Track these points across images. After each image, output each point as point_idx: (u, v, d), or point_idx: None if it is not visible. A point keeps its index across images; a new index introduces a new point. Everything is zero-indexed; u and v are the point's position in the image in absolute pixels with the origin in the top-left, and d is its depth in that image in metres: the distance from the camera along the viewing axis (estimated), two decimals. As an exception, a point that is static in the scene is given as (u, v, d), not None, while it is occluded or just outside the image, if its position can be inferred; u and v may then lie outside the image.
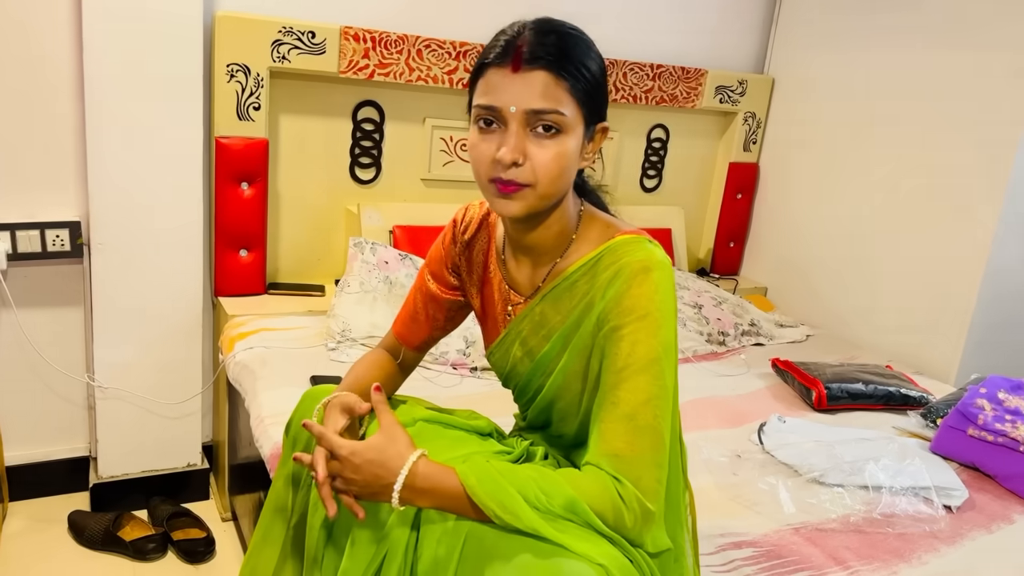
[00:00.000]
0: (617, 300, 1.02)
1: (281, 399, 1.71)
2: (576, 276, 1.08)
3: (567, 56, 0.98)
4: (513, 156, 0.98)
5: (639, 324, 1.00)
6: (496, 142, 1.00)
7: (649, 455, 0.98)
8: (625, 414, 0.99)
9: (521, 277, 1.16)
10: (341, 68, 2.20)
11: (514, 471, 0.98)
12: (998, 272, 2.36)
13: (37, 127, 1.97)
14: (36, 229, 1.99)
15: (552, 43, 0.98)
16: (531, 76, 0.97)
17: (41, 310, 2.10)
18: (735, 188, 3.04)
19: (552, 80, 0.97)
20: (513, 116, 0.98)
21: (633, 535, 0.97)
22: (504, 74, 0.98)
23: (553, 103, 0.97)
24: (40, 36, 1.92)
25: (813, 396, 2.07)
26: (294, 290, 2.32)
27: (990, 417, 1.79)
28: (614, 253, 1.05)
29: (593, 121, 1.04)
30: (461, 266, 1.25)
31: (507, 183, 1.00)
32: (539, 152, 0.99)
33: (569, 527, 0.94)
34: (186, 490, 2.26)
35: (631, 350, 1.00)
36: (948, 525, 1.56)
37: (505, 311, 1.18)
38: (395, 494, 0.97)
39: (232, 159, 2.14)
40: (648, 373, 0.99)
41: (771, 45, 3.00)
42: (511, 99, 0.98)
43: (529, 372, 1.16)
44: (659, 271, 1.02)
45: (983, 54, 2.32)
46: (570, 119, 0.99)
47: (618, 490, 0.96)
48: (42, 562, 1.96)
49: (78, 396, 2.20)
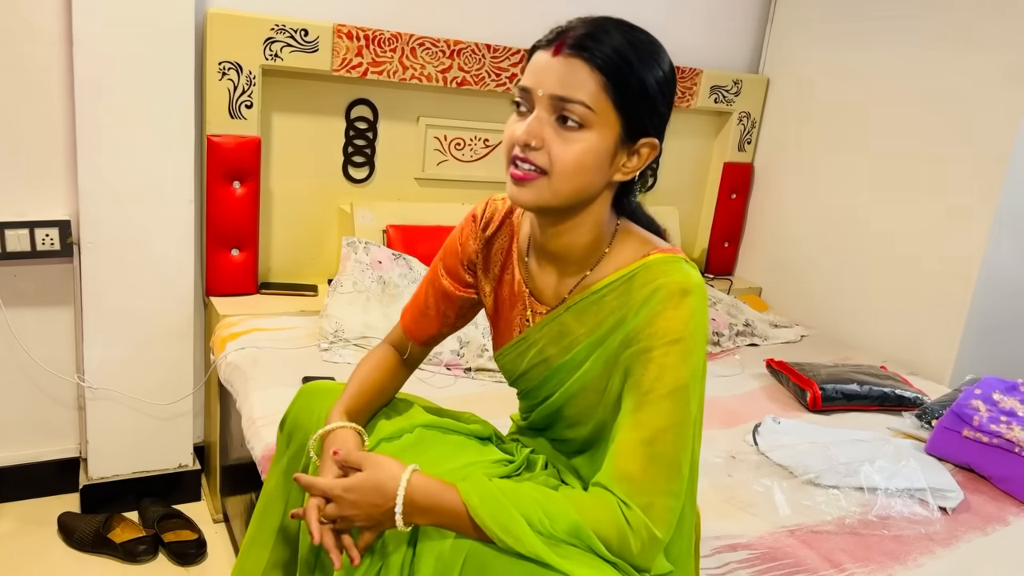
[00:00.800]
0: (650, 320, 0.99)
1: (273, 400, 1.69)
2: (606, 291, 1.05)
3: (617, 54, 0.95)
4: (527, 137, 0.96)
5: (670, 348, 0.97)
6: (522, 125, 0.98)
7: (662, 483, 0.96)
8: (644, 438, 0.96)
9: (544, 284, 1.12)
10: (334, 66, 2.19)
11: (517, 491, 0.96)
12: (993, 272, 2.35)
13: (27, 125, 1.95)
14: (25, 228, 1.97)
15: (604, 39, 0.95)
16: (568, 62, 0.95)
17: (30, 310, 2.08)
18: (730, 188, 3.03)
19: (587, 71, 0.94)
20: (540, 100, 0.96)
21: (638, 561, 0.95)
22: (545, 57, 0.97)
23: (580, 94, 0.94)
24: (30, 34, 1.90)
25: (808, 397, 2.07)
26: (286, 290, 2.31)
27: (985, 418, 1.79)
28: (649, 271, 1.02)
29: (636, 134, 0.99)
30: (477, 263, 1.21)
31: (521, 167, 0.97)
32: (558, 142, 0.96)
33: (571, 552, 0.92)
34: (177, 491, 2.24)
35: (659, 374, 0.97)
36: (943, 527, 1.56)
37: (524, 316, 1.14)
38: (398, 516, 0.96)
39: (224, 158, 2.12)
40: (673, 399, 0.97)
41: (766, 45, 3.00)
42: (543, 82, 0.96)
43: (543, 378, 1.13)
44: (696, 296, 0.99)
45: (978, 54, 2.32)
46: (598, 117, 0.95)
47: (625, 515, 0.94)
48: (32, 564, 1.94)
49: (68, 397, 2.18)
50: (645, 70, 0.97)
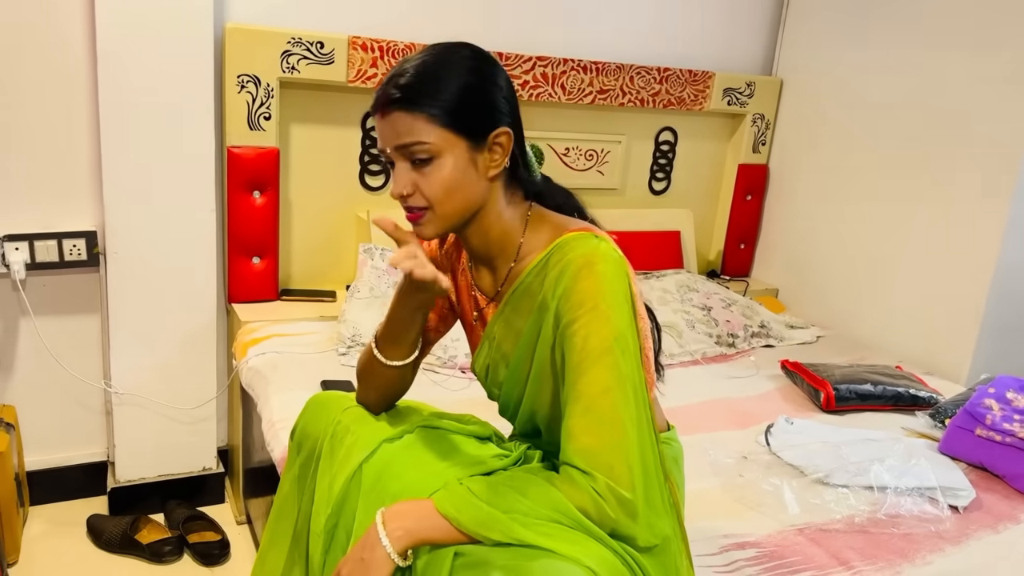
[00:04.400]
0: (567, 296, 1.04)
1: (292, 403, 1.72)
2: (530, 278, 1.11)
3: (417, 90, 1.03)
4: (400, 190, 1.06)
5: (589, 316, 1.02)
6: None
7: (615, 445, 0.99)
8: (585, 407, 1.01)
9: (485, 283, 1.20)
10: (350, 77, 2.23)
11: (490, 485, 1.01)
12: (1009, 272, 2.34)
13: (54, 140, 2.02)
14: (53, 239, 2.04)
15: (403, 83, 1.04)
16: (392, 118, 1.04)
17: (59, 318, 2.14)
18: (744, 190, 3.04)
19: (407, 116, 1.03)
20: (392, 155, 1.06)
21: (620, 526, 0.99)
22: (378, 120, 1.07)
23: (412, 136, 1.03)
24: (55, 51, 1.97)
25: (821, 397, 2.07)
26: (306, 296, 2.36)
27: (998, 417, 1.79)
28: (561, 251, 1.07)
29: (477, 134, 1.06)
30: (444, 271, 1.27)
31: (410, 211, 1.08)
32: (422, 180, 1.05)
33: (556, 531, 0.96)
34: (201, 494, 2.30)
35: (584, 343, 1.02)
36: (954, 525, 1.56)
37: (475, 318, 1.22)
38: (388, 548, 0.98)
39: (244, 168, 2.17)
40: (602, 364, 1.01)
41: (779, 46, 3.01)
42: (384, 141, 1.07)
43: (507, 379, 1.17)
44: (603, 263, 1.04)
45: (993, 54, 2.31)
46: (438, 144, 1.04)
47: (591, 485, 0.98)
48: (62, 565, 2.00)
49: (96, 402, 2.25)
50: (449, 82, 1.04)
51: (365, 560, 0.99)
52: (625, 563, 0.98)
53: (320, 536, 1.12)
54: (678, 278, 2.69)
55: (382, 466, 1.11)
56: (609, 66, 2.61)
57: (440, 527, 0.98)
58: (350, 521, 1.09)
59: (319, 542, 1.12)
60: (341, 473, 1.11)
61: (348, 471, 1.10)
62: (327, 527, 1.11)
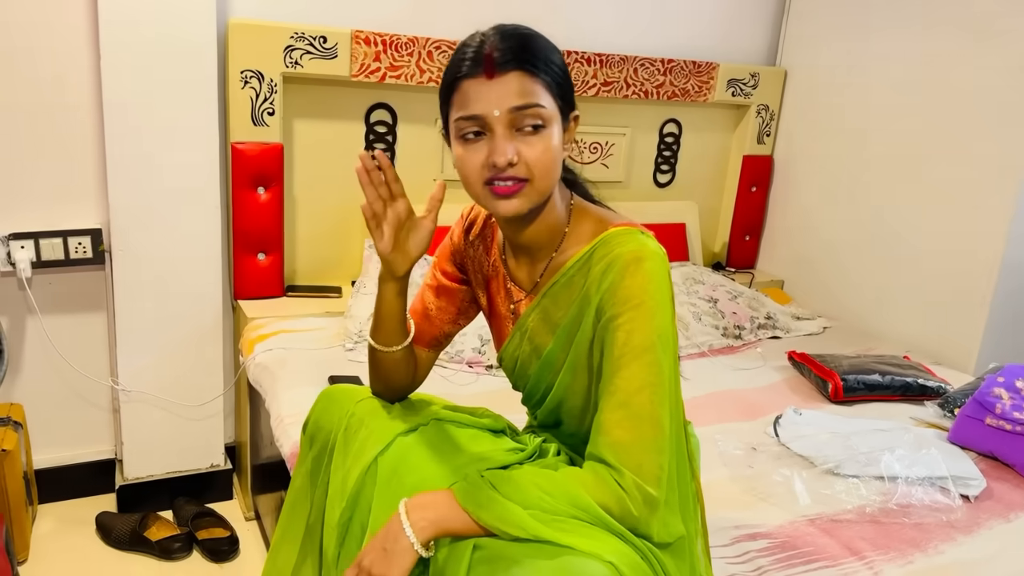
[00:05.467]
0: (612, 291, 1.03)
1: (300, 399, 1.73)
2: (572, 271, 1.10)
3: (534, 53, 1.03)
4: (509, 157, 1.01)
5: (634, 313, 1.02)
6: (484, 151, 1.03)
7: (648, 442, 0.99)
8: (621, 402, 1.01)
9: (521, 275, 1.19)
10: (353, 72, 2.23)
11: (511, 478, 1.00)
12: (1016, 260, 2.34)
13: (58, 138, 2.02)
14: (59, 237, 2.04)
15: (518, 44, 1.03)
16: (506, 78, 1.01)
17: (65, 316, 2.14)
18: (749, 181, 3.03)
19: (527, 78, 1.02)
20: (498, 120, 1.01)
21: (640, 524, 0.99)
22: (480, 83, 1.02)
23: (533, 98, 1.01)
24: (59, 49, 1.96)
25: (829, 388, 2.07)
26: (311, 292, 2.35)
27: (1008, 406, 1.78)
28: (607, 245, 1.07)
29: (567, 111, 1.08)
30: (467, 263, 1.27)
31: (505, 183, 1.02)
32: (529, 150, 1.02)
33: (575, 527, 0.95)
34: (210, 490, 2.30)
35: (627, 339, 1.01)
36: (965, 514, 1.55)
37: (510, 309, 1.20)
38: (410, 534, 0.98)
39: (248, 164, 2.17)
40: (642, 360, 1.01)
41: (783, 37, 2.99)
42: (493, 103, 1.01)
43: (537, 371, 1.17)
44: (651, 260, 1.03)
45: (999, 45, 2.30)
46: (550, 111, 1.03)
47: (617, 480, 0.98)
48: (71, 563, 2.00)
49: (103, 400, 2.25)
50: (554, 54, 1.06)
51: (388, 550, 0.98)
52: (645, 558, 0.97)
53: (335, 529, 1.11)
54: (684, 270, 2.69)
55: (397, 459, 1.10)
56: (613, 58, 2.60)
57: (463, 518, 0.98)
58: (365, 514, 1.09)
59: (333, 535, 1.11)
60: (356, 466, 1.10)
61: (363, 464, 1.10)
62: (342, 520, 1.11)
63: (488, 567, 0.95)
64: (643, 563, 0.96)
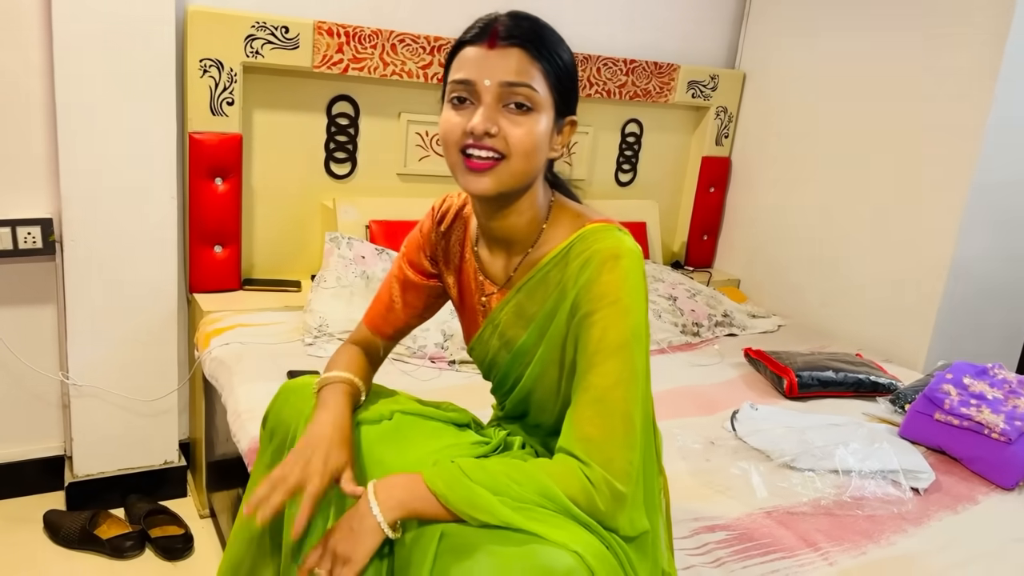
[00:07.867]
0: (588, 287, 1.04)
1: (258, 394, 1.71)
2: (549, 266, 1.10)
3: (541, 39, 1.04)
4: (486, 125, 1.01)
5: (609, 310, 1.02)
6: (467, 117, 1.03)
7: (619, 438, 1.00)
8: (595, 398, 1.01)
9: (495, 268, 1.18)
10: (315, 63, 2.20)
11: (482, 466, 1.00)
12: (965, 261, 2.41)
13: (7, 124, 1.95)
14: (7, 227, 1.97)
15: (527, 26, 1.04)
16: (506, 52, 1.02)
17: (13, 308, 2.08)
18: (708, 182, 3.07)
19: (526, 57, 1.02)
20: (487, 90, 1.01)
21: (607, 518, 0.99)
22: (480, 51, 1.03)
23: (527, 78, 1.01)
24: (10, 33, 1.90)
25: (784, 384, 2.11)
26: (270, 286, 2.32)
27: (956, 402, 1.84)
28: (584, 241, 1.07)
29: (563, 111, 1.07)
30: (438, 255, 1.26)
31: (479, 156, 1.02)
32: (512, 127, 1.02)
33: (543, 516, 0.96)
34: (163, 487, 2.25)
35: (602, 335, 1.02)
36: (915, 507, 1.60)
37: (481, 302, 1.20)
38: (378, 517, 0.97)
39: (206, 154, 2.13)
40: (617, 357, 1.01)
41: (742, 40, 3.04)
42: (486, 73, 1.02)
43: (508, 363, 1.17)
44: (628, 258, 1.04)
45: (952, 44, 2.37)
46: (542, 98, 1.03)
47: (586, 473, 0.99)
48: (18, 562, 1.94)
49: (52, 395, 2.19)
50: (562, 50, 1.06)
51: (355, 529, 0.98)
52: (611, 549, 0.98)
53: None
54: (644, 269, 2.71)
55: (361, 452, 1.09)
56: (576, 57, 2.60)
57: (432, 501, 0.98)
58: (327, 508, 1.07)
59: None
60: None
61: None
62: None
63: (454, 556, 0.94)
64: (608, 554, 0.97)
